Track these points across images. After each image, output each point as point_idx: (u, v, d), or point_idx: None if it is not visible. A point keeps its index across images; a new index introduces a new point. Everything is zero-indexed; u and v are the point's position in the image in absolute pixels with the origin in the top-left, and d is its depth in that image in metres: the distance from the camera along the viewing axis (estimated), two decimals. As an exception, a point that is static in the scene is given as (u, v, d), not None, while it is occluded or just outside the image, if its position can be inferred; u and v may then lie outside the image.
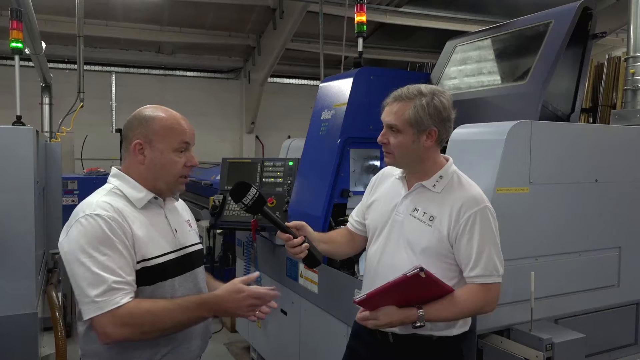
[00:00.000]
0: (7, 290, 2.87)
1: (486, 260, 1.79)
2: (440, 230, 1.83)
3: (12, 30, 3.88)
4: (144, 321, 1.52)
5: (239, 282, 1.68)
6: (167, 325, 1.56)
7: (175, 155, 1.70)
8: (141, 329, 1.53)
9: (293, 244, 1.90)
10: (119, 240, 1.55)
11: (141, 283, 1.61)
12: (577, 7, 2.63)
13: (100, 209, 1.58)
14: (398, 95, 1.89)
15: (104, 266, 1.51)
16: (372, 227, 2.05)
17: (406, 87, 1.89)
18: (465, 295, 1.79)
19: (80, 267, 1.51)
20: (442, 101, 1.85)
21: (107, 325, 1.49)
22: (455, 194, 1.85)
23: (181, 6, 9.38)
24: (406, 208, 1.93)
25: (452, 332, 1.88)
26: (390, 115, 1.88)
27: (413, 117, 1.83)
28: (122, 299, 1.50)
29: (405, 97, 1.86)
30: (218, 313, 1.67)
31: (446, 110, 1.86)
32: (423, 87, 1.88)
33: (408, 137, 1.85)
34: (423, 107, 1.82)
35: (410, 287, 1.70)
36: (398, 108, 1.86)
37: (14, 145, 2.92)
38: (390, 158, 1.93)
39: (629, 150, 2.54)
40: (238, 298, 1.64)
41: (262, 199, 1.85)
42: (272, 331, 3.71)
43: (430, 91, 1.86)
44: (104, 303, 1.49)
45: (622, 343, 2.58)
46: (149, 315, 1.52)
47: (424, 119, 1.82)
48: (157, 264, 1.64)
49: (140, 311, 1.51)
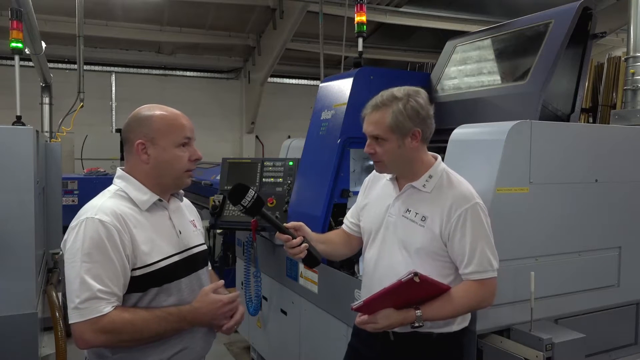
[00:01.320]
0: (7, 290, 2.87)
1: (480, 256, 1.80)
2: (432, 229, 1.85)
3: (12, 30, 3.88)
4: (123, 331, 1.55)
5: (210, 290, 1.71)
6: (145, 336, 1.59)
7: (179, 150, 1.71)
8: (119, 337, 1.55)
9: (292, 244, 1.91)
10: (114, 248, 1.56)
11: (147, 286, 1.62)
12: (577, 7, 2.63)
13: (102, 214, 1.58)
14: (374, 104, 1.90)
15: (93, 273, 1.52)
16: (367, 230, 2.07)
17: (380, 95, 1.91)
18: (461, 293, 1.81)
19: (72, 269, 1.54)
20: (418, 101, 1.86)
21: (86, 332, 1.52)
22: (446, 192, 1.86)
23: (181, 6, 9.38)
24: (398, 209, 1.95)
25: (452, 329, 1.90)
26: (372, 125, 1.89)
27: (393, 123, 1.84)
28: (104, 308, 1.52)
29: (382, 105, 1.87)
30: (194, 324, 1.68)
31: (424, 109, 1.87)
32: (396, 91, 1.89)
33: (393, 143, 1.86)
34: (401, 112, 1.83)
35: (407, 291, 1.72)
36: (377, 117, 1.87)
37: (14, 145, 2.92)
38: (381, 167, 1.96)
39: (629, 150, 2.54)
40: (214, 308, 1.68)
41: (261, 201, 1.85)
42: (272, 331, 3.71)
43: (405, 94, 1.87)
44: (86, 311, 1.51)
45: (622, 343, 2.58)
46: (129, 326, 1.55)
47: (404, 122, 1.84)
48: (161, 267, 1.65)
49: (122, 321, 1.54)
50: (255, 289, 3.73)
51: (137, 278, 1.61)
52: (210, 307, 1.67)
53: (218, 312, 1.69)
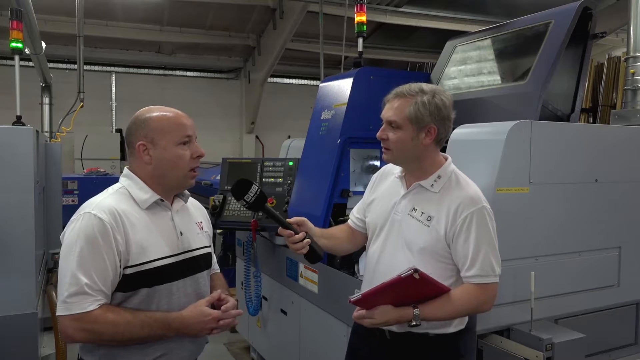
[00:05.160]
0: (7, 290, 2.87)
1: (482, 260, 1.79)
2: (437, 230, 1.84)
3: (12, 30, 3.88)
4: (104, 331, 1.54)
5: (205, 304, 1.68)
6: (126, 338, 1.58)
7: (180, 149, 1.71)
8: (100, 336, 1.55)
9: (295, 239, 1.91)
10: (107, 246, 1.56)
11: (137, 286, 1.61)
12: (577, 7, 2.63)
13: (100, 210, 1.59)
14: (399, 92, 1.90)
15: (83, 269, 1.53)
16: (372, 226, 2.06)
17: (408, 85, 1.91)
18: (461, 295, 1.80)
19: (65, 263, 1.56)
20: (443, 100, 1.87)
21: (70, 327, 1.53)
22: (453, 193, 1.85)
23: (181, 6, 9.38)
24: (404, 207, 1.93)
25: (448, 330, 1.89)
26: (391, 110, 1.89)
27: (413, 114, 1.84)
28: (90, 305, 1.52)
29: (407, 94, 1.87)
30: (180, 333, 1.65)
31: (446, 109, 1.87)
32: (424, 86, 1.89)
33: (407, 133, 1.85)
34: (424, 104, 1.83)
35: (406, 288, 1.72)
36: (399, 104, 1.87)
37: (14, 145, 2.92)
38: (388, 154, 1.94)
39: (629, 150, 2.54)
40: (204, 321, 1.66)
41: (264, 196, 1.85)
42: (272, 331, 3.71)
43: (432, 90, 1.88)
44: (72, 305, 1.52)
45: (622, 343, 2.58)
46: (111, 327, 1.54)
47: (425, 116, 1.83)
48: (153, 268, 1.64)
49: (104, 321, 1.53)
50: (255, 289, 3.73)
51: (128, 277, 1.61)
52: (200, 319, 1.65)
53: (206, 326, 1.66)
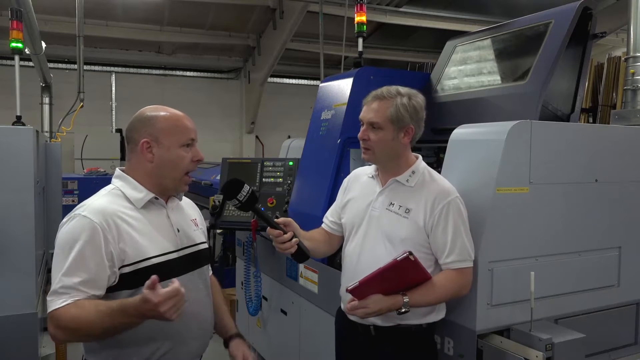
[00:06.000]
0: (7, 290, 2.87)
1: (460, 246, 1.93)
2: (416, 221, 1.97)
3: (12, 30, 3.89)
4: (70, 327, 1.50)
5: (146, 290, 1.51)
6: (96, 332, 1.51)
7: (183, 151, 1.73)
8: (75, 333, 1.52)
9: (283, 239, 1.95)
10: (95, 248, 1.55)
11: (137, 284, 1.61)
12: (577, 7, 2.63)
13: (90, 212, 1.60)
14: (378, 95, 2.03)
15: (68, 269, 1.53)
16: (349, 225, 2.15)
17: (385, 88, 2.05)
18: (443, 281, 1.93)
19: (54, 263, 1.58)
20: (419, 102, 2.04)
21: (49, 326, 1.53)
22: (429, 187, 2.00)
23: (181, 6, 9.39)
24: (382, 203, 2.05)
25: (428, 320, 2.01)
26: (372, 112, 2.01)
27: (395, 115, 1.98)
28: (62, 302, 1.50)
29: (387, 96, 2.01)
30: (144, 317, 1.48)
31: (422, 111, 2.05)
32: (400, 88, 2.03)
33: (389, 133, 1.99)
34: (404, 106, 1.98)
35: (397, 274, 1.82)
36: (379, 106, 2.00)
37: (14, 145, 2.93)
38: (369, 154, 2.06)
39: (629, 150, 2.54)
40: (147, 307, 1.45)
41: (254, 196, 1.89)
42: (272, 331, 3.71)
43: (407, 92, 2.03)
44: (50, 303, 1.53)
45: (622, 343, 2.58)
46: (74, 322, 1.49)
47: (405, 116, 1.98)
48: (154, 264, 1.64)
49: (69, 317, 1.49)
50: (255, 289, 3.73)
51: (127, 275, 1.61)
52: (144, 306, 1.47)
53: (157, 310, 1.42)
